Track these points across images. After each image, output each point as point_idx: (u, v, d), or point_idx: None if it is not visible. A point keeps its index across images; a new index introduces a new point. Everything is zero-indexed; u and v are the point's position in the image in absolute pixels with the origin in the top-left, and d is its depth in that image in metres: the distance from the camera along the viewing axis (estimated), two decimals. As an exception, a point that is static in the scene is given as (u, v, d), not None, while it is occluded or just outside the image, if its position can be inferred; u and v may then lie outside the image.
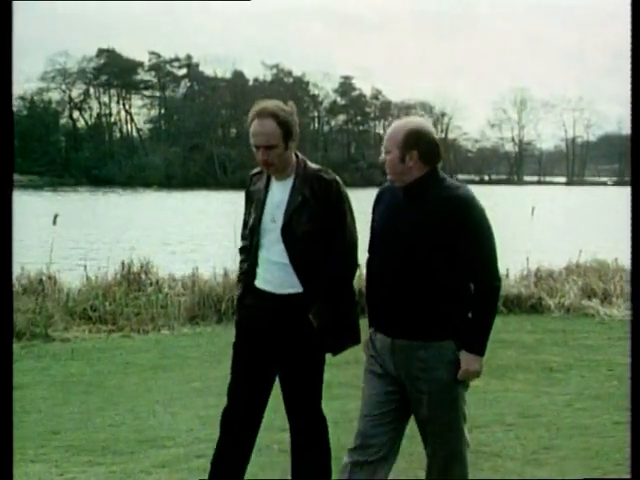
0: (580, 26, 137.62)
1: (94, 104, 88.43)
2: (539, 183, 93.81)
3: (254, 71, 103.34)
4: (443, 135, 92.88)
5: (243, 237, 4.41)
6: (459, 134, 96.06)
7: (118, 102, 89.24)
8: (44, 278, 11.21)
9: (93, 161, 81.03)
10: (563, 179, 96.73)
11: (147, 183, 72.34)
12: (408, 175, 3.73)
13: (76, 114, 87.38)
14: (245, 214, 4.39)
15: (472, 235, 3.64)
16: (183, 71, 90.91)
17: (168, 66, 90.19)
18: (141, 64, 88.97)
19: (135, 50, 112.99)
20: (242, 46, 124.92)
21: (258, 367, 4.22)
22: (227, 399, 4.34)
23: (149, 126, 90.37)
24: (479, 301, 3.70)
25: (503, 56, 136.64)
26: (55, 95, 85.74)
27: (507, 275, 12.81)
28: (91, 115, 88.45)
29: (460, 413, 3.84)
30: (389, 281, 3.75)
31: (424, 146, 3.72)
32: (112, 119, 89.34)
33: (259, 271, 4.23)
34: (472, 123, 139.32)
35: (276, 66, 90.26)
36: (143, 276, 11.75)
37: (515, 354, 8.93)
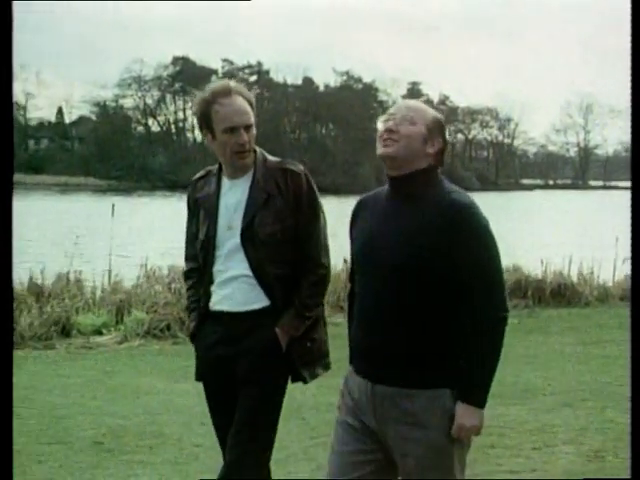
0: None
1: (169, 110, 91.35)
2: (604, 188, 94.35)
3: (324, 77, 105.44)
4: (510, 141, 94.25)
5: (189, 257, 3.66)
6: (525, 139, 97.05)
7: (192, 108, 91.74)
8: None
9: (169, 166, 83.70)
10: (628, 184, 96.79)
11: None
12: (416, 163, 2.95)
13: (151, 120, 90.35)
14: (189, 228, 3.64)
15: (473, 250, 2.86)
16: (254, 78, 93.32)
17: (241, 73, 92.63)
18: (215, 71, 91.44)
19: (208, 58, 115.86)
20: (305, 50, 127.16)
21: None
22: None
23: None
24: (481, 337, 2.85)
25: (555, 60, 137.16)
26: (130, 102, 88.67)
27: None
28: (166, 121, 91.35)
29: None
30: (374, 310, 2.97)
31: (444, 140, 3.05)
32: (186, 125, 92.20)
33: (214, 289, 3.50)
34: (535, 127, 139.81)
35: (347, 72, 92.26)
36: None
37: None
